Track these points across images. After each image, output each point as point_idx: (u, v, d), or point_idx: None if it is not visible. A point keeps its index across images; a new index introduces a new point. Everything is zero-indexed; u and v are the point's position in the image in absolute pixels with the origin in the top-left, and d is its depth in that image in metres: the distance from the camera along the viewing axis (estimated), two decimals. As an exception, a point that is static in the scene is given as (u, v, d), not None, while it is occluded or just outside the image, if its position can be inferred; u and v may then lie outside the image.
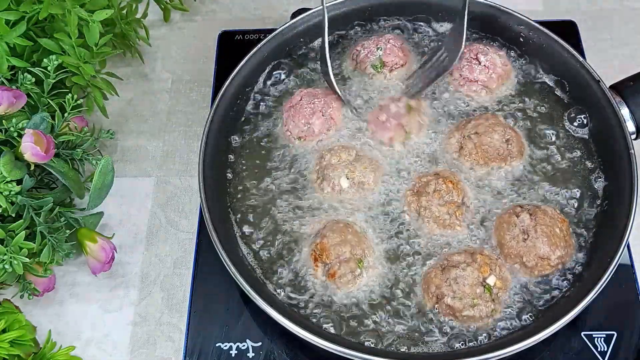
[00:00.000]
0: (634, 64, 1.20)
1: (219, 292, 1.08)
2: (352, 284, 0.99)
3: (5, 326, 0.99)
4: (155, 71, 1.37)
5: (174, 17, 1.45)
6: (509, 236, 1.00)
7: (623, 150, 1.04)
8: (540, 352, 1.02)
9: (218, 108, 1.10)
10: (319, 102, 1.12)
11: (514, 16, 1.19)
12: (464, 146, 1.08)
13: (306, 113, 1.11)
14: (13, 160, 0.99)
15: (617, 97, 1.08)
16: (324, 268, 0.99)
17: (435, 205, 1.03)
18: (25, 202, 1.00)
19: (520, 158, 1.09)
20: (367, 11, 1.25)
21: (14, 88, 1.03)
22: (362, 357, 0.90)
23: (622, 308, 1.05)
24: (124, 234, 1.17)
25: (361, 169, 1.06)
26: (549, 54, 1.17)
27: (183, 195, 1.22)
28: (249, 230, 1.06)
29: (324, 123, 1.11)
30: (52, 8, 1.04)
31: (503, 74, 1.16)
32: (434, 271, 0.99)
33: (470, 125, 1.09)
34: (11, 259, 0.96)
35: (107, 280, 1.13)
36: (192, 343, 1.04)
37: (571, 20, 1.36)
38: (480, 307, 0.95)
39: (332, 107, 1.12)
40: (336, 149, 1.08)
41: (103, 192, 1.07)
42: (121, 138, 1.28)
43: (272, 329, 1.04)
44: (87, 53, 1.11)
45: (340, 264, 0.98)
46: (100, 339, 1.08)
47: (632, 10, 1.42)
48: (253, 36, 1.35)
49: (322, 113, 1.11)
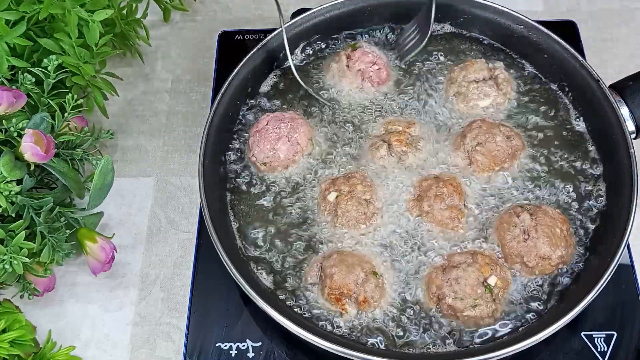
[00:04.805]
0: (634, 64, 1.20)
1: (219, 292, 1.08)
2: (383, 297, 0.99)
3: (5, 326, 0.99)
4: (155, 71, 1.37)
5: (174, 17, 1.45)
6: (510, 236, 1.00)
7: (623, 149, 1.04)
8: (540, 352, 1.02)
9: (218, 108, 1.10)
10: (285, 127, 1.10)
11: (514, 16, 1.19)
12: (473, 161, 1.08)
13: (272, 138, 1.09)
14: (13, 160, 0.99)
15: (616, 97, 1.08)
16: (352, 302, 0.97)
17: (437, 210, 1.03)
18: (25, 202, 1.00)
19: (523, 150, 1.09)
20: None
21: (14, 88, 1.03)
22: (362, 357, 0.90)
23: (622, 308, 1.05)
24: (124, 234, 1.17)
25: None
26: (549, 54, 1.17)
27: (183, 195, 1.22)
28: (250, 230, 1.06)
29: (290, 148, 1.10)
30: (52, 8, 1.04)
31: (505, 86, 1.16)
32: (435, 272, 0.99)
33: (468, 139, 1.09)
34: (11, 259, 0.96)
35: (107, 280, 1.13)
36: (192, 343, 1.04)
37: (571, 20, 1.36)
38: (481, 307, 0.95)
39: (299, 132, 1.10)
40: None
41: (103, 192, 1.07)
42: (121, 138, 1.28)
43: (272, 329, 1.04)
44: (87, 53, 1.11)
45: (363, 287, 0.97)
46: (100, 339, 1.08)
47: (632, 10, 1.42)
48: (253, 36, 1.34)
49: (288, 138, 1.09)
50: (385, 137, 1.11)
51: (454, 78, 1.16)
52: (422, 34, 1.19)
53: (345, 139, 1.14)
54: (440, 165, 1.10)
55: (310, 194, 1.08)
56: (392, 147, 1.09)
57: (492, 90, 1.14)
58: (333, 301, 0.97)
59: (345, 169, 1.10)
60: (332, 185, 1.06)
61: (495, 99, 1.14)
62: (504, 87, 1.15)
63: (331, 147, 1.13)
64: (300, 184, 1.10)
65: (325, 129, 1.15)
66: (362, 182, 1.05)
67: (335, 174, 1.09)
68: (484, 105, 1.14)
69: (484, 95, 1.14)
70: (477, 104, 1.14)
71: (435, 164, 1.10)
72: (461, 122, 1.14)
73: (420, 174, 1.08)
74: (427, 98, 1.17)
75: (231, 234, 1.05)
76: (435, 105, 1.16)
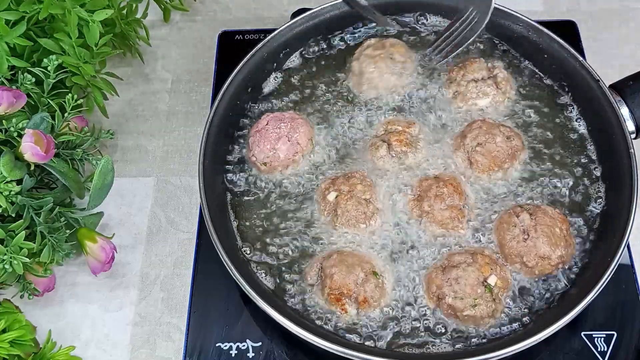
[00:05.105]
0: (634, 64, 1.20)
1: (219, 292, 1.08)
2: (383, 297, 0.99)
3: (5, 326, 0.99)
4: (155, 71, 1.37)
5: (174, 17, 1.45)
6: (510, 236, 1.00)
7: (623, 149, 1.04)
8: (540, 352, 1.02)
9: (218, 108, 1.10)
10: (285, 127, 1.10)
11: (514, 16, 1.19)
12: (474, 162, 1.08)
13: (272, 138, 1.09)
14: (13, 160, 0.99)
15: (616, 97, 1.08)
16: (351, 302, 0.97)
17: (438, 210, 1.03)
18: (25, 202, 1.00)
19: (522, 150, 1.09)
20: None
21: (14, 88, 1.03)
22: (362, 357, 0.90)
23: (622, 308, 1.05)
24: (124, 234, 1.17)
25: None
26: (549, 54, 1.17)
27: (183, 195, 1.22)
28: (250, 230, 1.06)
29: (290, 148, 1.10)
30: (52, 8, 1.04)
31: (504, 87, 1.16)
32: (434, 271, 0.99)
33: (468, 139, 1.09)
34: (11, 259, 0.96)
35: (107, 280, 1.13)
36: (192, 343, 1.04)
37: (571, 20, 1.36)
38: (481, 307, 0.95)
39: (299, 132, 1.10)
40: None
41: (103, 192, 1.07)
42: (121, 138, 1.28)
43: (272, 329, 1.04)
44: (87, 53, 1.11)
45: (363, 287, 0.97)
46: (100, 339, 1.08)
47: (632, 10, 1.42)
48: (253, 36, 1.34)
49: (288, 138, 1.09)
50: (385, 137, 1.11)
51: (453, 77, 1.16)
52: (476, 23, 1.12)
53: (345, 138, 1.14)
54: (440, 165, 1.10)
55: (310, 194, 1.08)
56: (392, 147, 1.09)
57: (491, 89, 1.14)
58: (333, 301, 0.97)
59: (345, 168, 1.10)
60: (332, 185, 1.06)
61: (495, 98, 1.14)
62: (503, 86, 1.15)
63: (331, 147, 1.13)
64: (300, 183, 1.10)
65: (326, 129, 1.15)
66: (362, 182, 1.05)
67: (335, 173, 1.09)
68: (483, 104, 1.14)
69: (483, 95, 1.14)
70: (476, 103, 1.14)
71: (435, 164, 1.10)
72: (461, 122, 1.14)
73: (420, 174, 1.08)
74: (427, 98, 1.17)
75: (231, 234, 1.05)
76: (434, 105, 1.16)
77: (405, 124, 1.12)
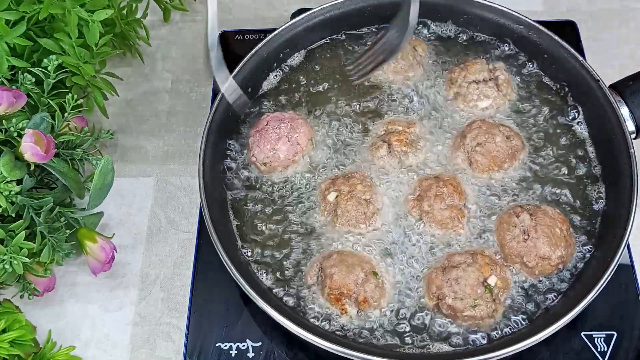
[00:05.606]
0: (634, 64, 1.20)
1: (219, 292, 1.08)
2: (383, 297, 0.99)
3: (5, 326, 0.99)
4: (155, 71, 1.37)
5: (174, 17, 1.45)
6: (510, 236, 1.00)
7: (623, 149, 1.04)
8: (540, 352, 1.02)
9: (218, 108, 1.10)
10: (285, 127, 1.10)
11: (514, 16, 1.19)
12: (474, 161, 1.08)
13: (272, 138, 1.09)
14: (13, 160, 0.99)
15: (616, 97, 1.08)
16: (351, 302, 0.97)
17: (438, 210, 1.03)
18: (25, 202, 1.00)
19: (522, 150, 1.09)
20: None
21: (14, 88, 1.03)
22: (362, 357, 0.90)
23: (622, 308, 1.05)
24: (124, 234, 1.17)
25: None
26: (549, 54, 1.17)
27: (183, 195, 1.22)
28: (250, 230, 1.06)
29: (290, 148, 1.10)
30: (52, 8, 1.04)
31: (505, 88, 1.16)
32: (434, 272, 0.99)
33: (467, 139, 1.09)
34: (11, 259, 0.96)
35: (107, 280, 1.13)
36: (192, 343, 1.04)
37: (571, 20, 1.36)
38: (481, 307, 0.95)
39: (299, 132, 1.10)
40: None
41: (103, 192, 1.07)
42: (121, 138, 1.28)
43: (272, 329, 1.04)
44: (87, 53, 1.11)
45: (363, 287, 0.97)
46: (100, 339, 1.08)
47: (632, 10, 1.42)
48: (253, 36, 1.34)
49: (288, 138, 1.09)
50: (385, 137, 1.11)
51: (454, 78, 1.16)
52: (397, 41, 1.07)
53: (345, 138, 1.14)
54: (441, 165, 1.10)
55: (310, 194, 1.09)
56: (392, 147, 1.09)
57: (492, 91, 1.14)
58: (333, 301, 0.97)
59: (345, 169, 1.10)
60: (332, 185, 1.06)
61: (495, 99, 1.14)
62: (504, 88, 1.15)
63: (331, 147, 1.13)
64: (300, 184, 1.10)
65: (326, 129, 1.15)
66: (362, 182, 1.05)
67: (335, 174, 1.09)
68: (483, 106, 1.14)
69: (483, 97, 1.14)
70: (477, 104, 1.14)
71: (435, 164, 1.10)
72: (461, 123, 1.14)
73: (420, 174, 1.08)
74: (427, 98, 1.17)
75: (231, 233, 1.05)
76: (435, 106, 1.16)
77: (405, 124, 1.12)
